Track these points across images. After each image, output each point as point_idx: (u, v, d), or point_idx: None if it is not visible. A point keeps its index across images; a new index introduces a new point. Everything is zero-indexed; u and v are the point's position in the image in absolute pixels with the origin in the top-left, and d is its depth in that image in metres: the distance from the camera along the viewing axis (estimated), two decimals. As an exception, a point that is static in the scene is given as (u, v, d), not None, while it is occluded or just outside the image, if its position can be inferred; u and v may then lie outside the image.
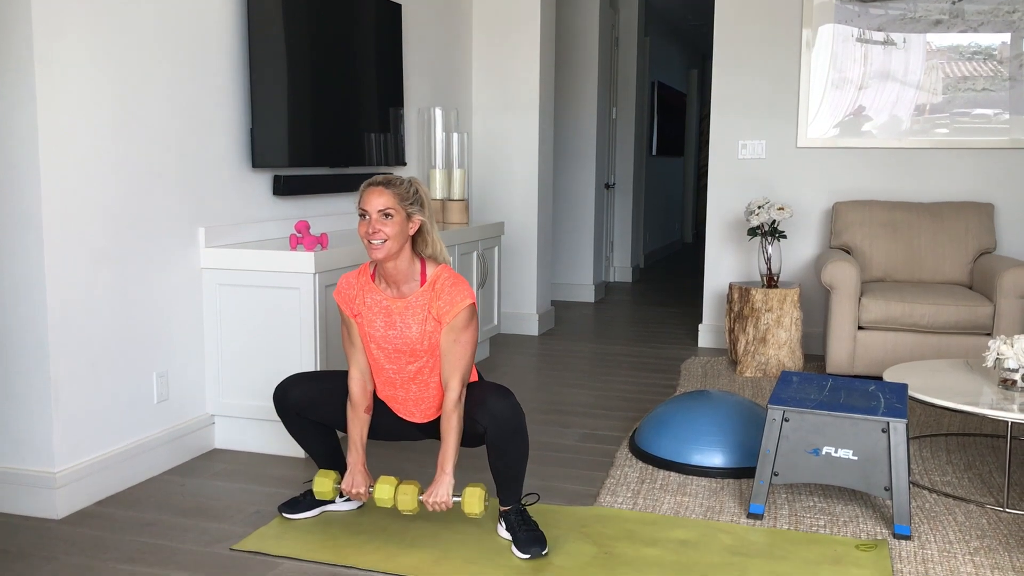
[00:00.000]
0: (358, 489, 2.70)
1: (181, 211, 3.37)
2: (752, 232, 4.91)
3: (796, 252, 5.51)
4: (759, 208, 4.85)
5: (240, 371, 3.48)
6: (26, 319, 2.85)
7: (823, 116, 5.36)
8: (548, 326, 6.26)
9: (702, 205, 13.12)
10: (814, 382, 3.17)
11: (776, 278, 4.95)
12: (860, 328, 4.61)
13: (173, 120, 3.30)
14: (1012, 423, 3.04)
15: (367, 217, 2.56)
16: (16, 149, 2.78)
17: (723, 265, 5.66)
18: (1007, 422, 3.14)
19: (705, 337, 5.72)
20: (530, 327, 6.04)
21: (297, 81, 3.86)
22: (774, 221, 4.88)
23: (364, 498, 2.73)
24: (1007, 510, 2.99)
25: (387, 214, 2.54)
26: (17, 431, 2.92)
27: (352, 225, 4.51)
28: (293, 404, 2.78)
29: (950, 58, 5.15)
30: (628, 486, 3.18)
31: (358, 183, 4.38)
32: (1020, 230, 5.17)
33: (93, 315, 3.00)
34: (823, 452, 2.85)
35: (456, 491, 3.11)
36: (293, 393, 2.77)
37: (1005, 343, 3.13)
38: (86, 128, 2.93)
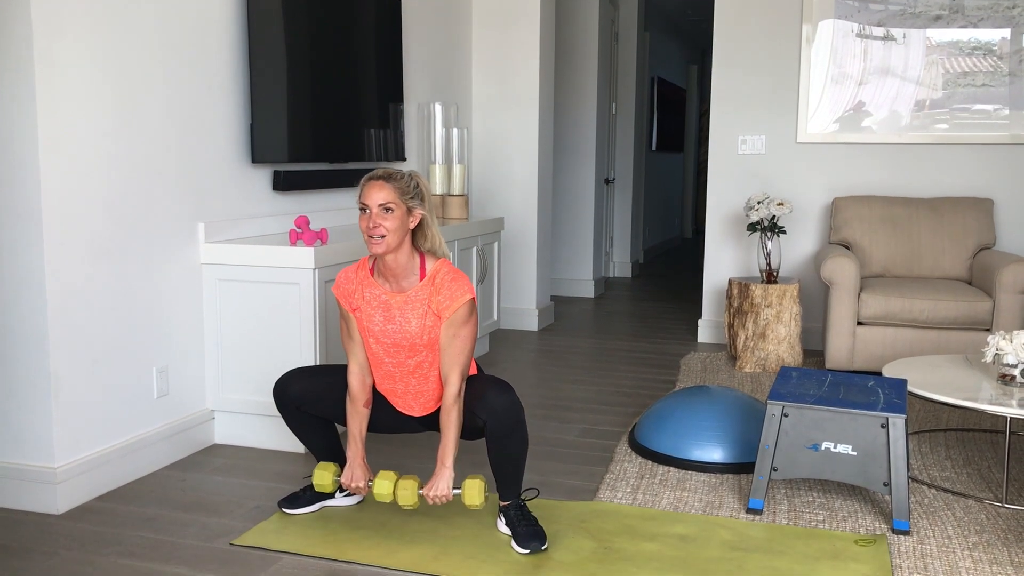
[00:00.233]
0: (357, 483, 2.71)
1: (181, 206, 3.37)
2: (752, 227, 4.91)
3: (796, 247, 5.51)
4: (759, 203, 4.85)
5: (240, 366, 3.48)
6: (26, 315, 2.85)
7: (823, 111, 5.35)
8: (547, 321, 6.26)
9: (702, 201, 13.11)
10: (813, 377, 3.17)
11: (775, 273, 4.95)
12: (859, 323, 4.61)
13: (173, 115, 3.29)
14: (1011, 418, 3.05)
15: (368, 211, 2.55)
16: (16, 146, 2.78)
17: (723, 260, 5.66)
18: (1006, 417, 3.15)
19: (704, 332, 5.73)
20: (529, 323, 6.05)
21: (297, 76, 3.86)
22: (774, 216, 4.88)
23: (364, 492, 2.73)
24: (1006, 505, 3.00)
25: (388, 208, 2.54)
26: (17, 426, 2.92)
27: (352, 220, 4.51)
28: (293, 399, 2.78)
29: (950, 53, 5.14)
30: (627, 481, 3.19)
31: (358, 178, 4.38)
32: (1019, 225, 5.17)
33: (93, 311, 3.00)
34: (822, 447, 2.85)
35: (456, 484, 3.12)
36: (293, 388, 2.77)
37: (1004, 338, 3.13)
38: (86, 124, 2.93)
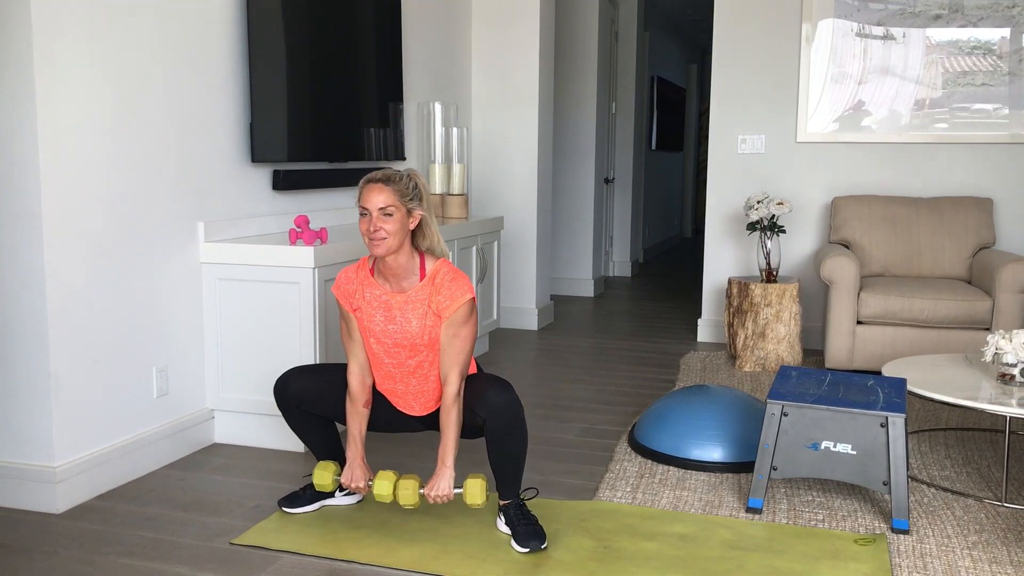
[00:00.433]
0: (357, 483, 2.71)
1: (180, 206, 3.37)
2: (751, 227, 4.91)
3: (795, 247, 5.51)
4: (758, 203, 4.85)
5: (240, 366, 3.48)
6: (26, 314, 2.86)
7: (822, 111, 5.35)
8: (547, 321, 6.26)
9: (701, 200, 13.11)
10: (813, 377, 3.18)
11: (775, 273, 4.95)
12: (859, 323, 4.61)
13: (173, 115, 3.29)
14: (1010, 418, 3.05)
15: (368, 214, 2.55)
16: (16, 146, 2.78)
17: (722, 260, 5.66)
18: (1005, 417, 3.15)
19: (704, 332, 5.73)
20: (529, 322, 6.05)
21: (296, 75, 3.86)
22: (773, 216, 4.88)
23: (364, 492, 2.73)
24: (1005, 504, 3.00)
25: (388, 212, 2.54)
26: (17, 425, 2.92)
27: (351, 220, 4.51)
28: (293, 397, 2.78)
29: (950, 53, 5.14)
30: (627, 480, 3.19)
31: (357, 178, 4.38)
32: (1019, 225, 5.18)
33: (93, 310, 3.00)
34: (822, 447, 2.85)
35: (456, 483, 3.12)
36: (293, 386, 2.78)
37: (1004, 338, 3.14)
38: (86, 124, 2.93)
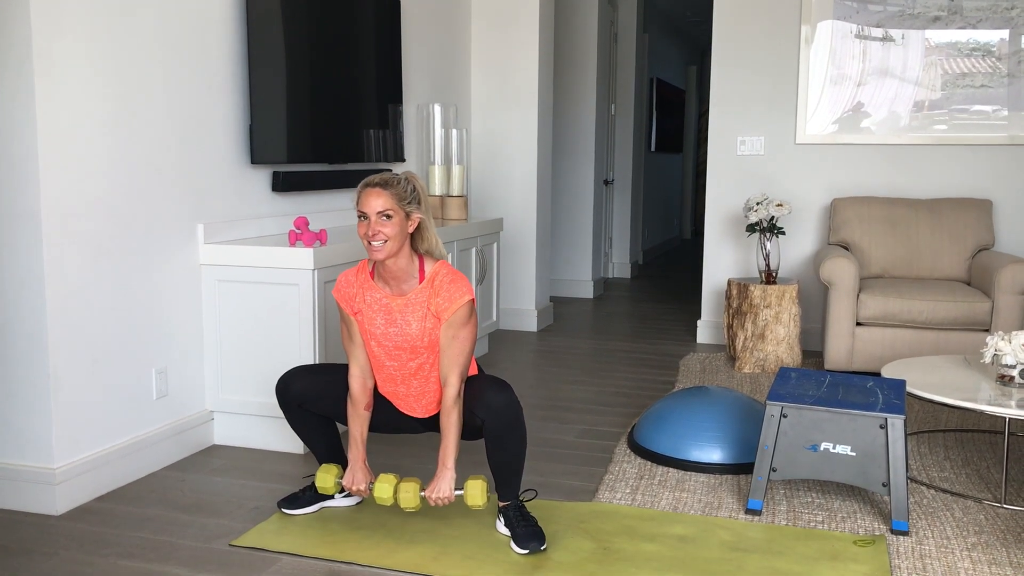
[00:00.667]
0: (359, 486, 2.72)
1: (180, 207, 3.37)
2: (751, 228, 4.91)
3: (795, 248, 5.51)
4: (758, 204, 4.85)
5: (239, 367, 3.48)
6: (25, 315, 2.86)
7: (822, 112, 5.36)
8: (547, 322, 6.26)
9: (701, 201, 13.11)
10: (812, 378, 3.18)
11: (775, 274, 4.95)
12: (858, 324, 4.61)
13: (172, 116, 3.30)
14: (1009, 419, 3.05)
15: (366, 219, 2.56)
16: (15, 146, 2.78)
17: (722, 261, 5.66)
18: (1005, 418, 3.15)
19: (704, 333, 5.73)
20: (529, 323, 6.05)
21: (296, 77, 3.86)
22: (773, 217, 4.88)
23: (365, 494, 2.74)
24: (1004, 506, 3.00)
25: (386, 215, 2.54)
26: (17, 427, 2.92)
27: (351, 221, 4.51)
28: (295, 396, 2.78)
29: (949, 54, 5.15)
30: (627, 482, 3.19)
31: (357, 179, 4.38)
32: (1018, 226, 5.18)
33: (92, 311, 3.00)
34: (821, 448, 2.85)
35: (457, 485, 3.12)
36: (295, 386, 2.78)
37: (1003, 339, 3.14)
38: (85, 124, 2.93)
